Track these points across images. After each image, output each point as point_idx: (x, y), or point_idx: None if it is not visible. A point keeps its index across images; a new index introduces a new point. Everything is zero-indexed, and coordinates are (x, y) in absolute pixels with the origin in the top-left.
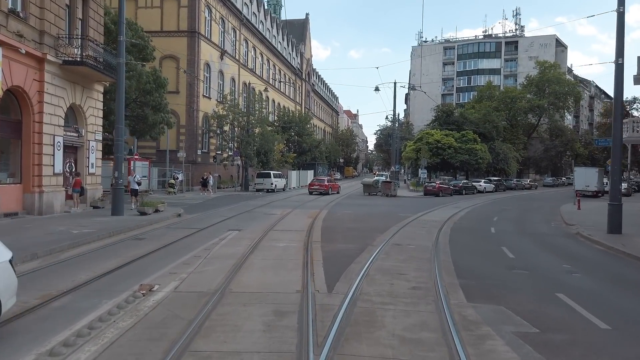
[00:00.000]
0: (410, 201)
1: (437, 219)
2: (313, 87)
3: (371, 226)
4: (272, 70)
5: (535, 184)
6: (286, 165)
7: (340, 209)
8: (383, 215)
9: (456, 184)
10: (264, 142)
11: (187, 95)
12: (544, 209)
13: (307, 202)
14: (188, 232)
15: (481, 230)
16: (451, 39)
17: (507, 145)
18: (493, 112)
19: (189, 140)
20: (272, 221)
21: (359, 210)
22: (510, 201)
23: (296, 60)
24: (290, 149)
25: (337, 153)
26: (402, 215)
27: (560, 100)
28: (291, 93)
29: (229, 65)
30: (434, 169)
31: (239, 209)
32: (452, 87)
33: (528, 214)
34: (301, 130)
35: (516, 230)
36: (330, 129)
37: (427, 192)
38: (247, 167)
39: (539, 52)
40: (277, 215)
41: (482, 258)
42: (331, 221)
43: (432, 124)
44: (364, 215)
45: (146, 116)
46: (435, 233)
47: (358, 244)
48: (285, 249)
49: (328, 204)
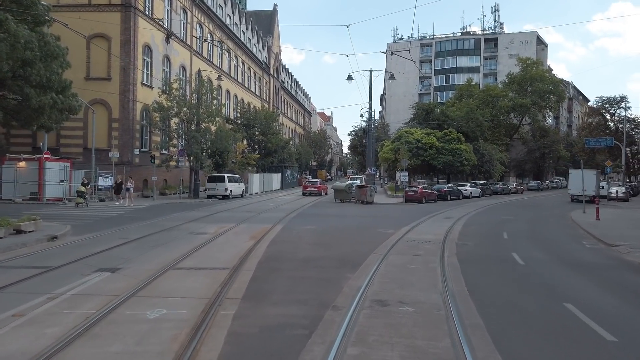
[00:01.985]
0: (390, 210)
1: (431, 237)
2: (282, 85)
3: (338, 255)
4: (233, 62)
5: (521, 188)
6: (248, 167)
7: (301, 222)
8: (357, 232)
9: (440, 189)
10: (218, 140)
11: (121, 82)
12: (552, 219)
13: (262, 213)
14: (19, 277)
15: (502, 261)
16: (428, 35)
17: (492, 145)
18: (476, 109)
19: (123, 136)
20: (190, 247)
21: (326, 225)
22: (505, 209)
23: (263, 54)
24: (254, 150)
25: (308, 155)
26: (382, 232)
27: (544, 100)
28: (257, 89)
29: (178, 51)
30: (413, 171)
31: (157, 226)
32: (430, 86)
33: (540, 227)
34: (266, 129)
35: (549, 257)
36: (302, 130)
37: (408, 198)
38: (197, 170)
39: (520, 50)
40: (207, 235)
41: (552, 340)
42: (281, 245)
43: (410, 123)
44: (331, 232)
45: (28, 97)
46: (439, 269)
47: (309, 305)
48: (150, 333)
49: (287, 214)
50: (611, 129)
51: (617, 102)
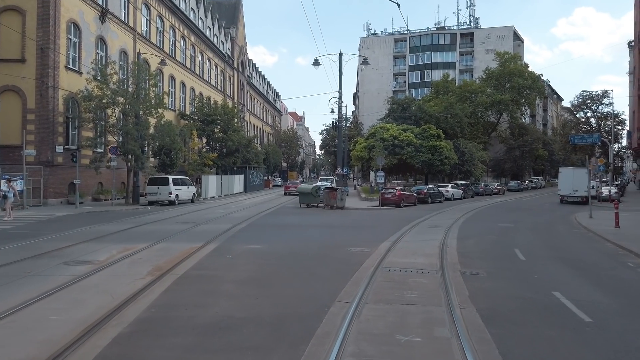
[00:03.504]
0: (364, 216)
1: (421, 260)
2: (249, 80)
3: (277, 311)
4: (190, 52)
5: (503, 189)
6: (205, 168)
7: (246, 238)
8: (319, 254)
9: (420, 190)
10: (159, 136)
11: (38, 65)
12: (560, 226)
13: (201, 225)
14: None
15: (551, 312)
16: (402, 30)
17: (472, 143)
18: (456, 103)
19: (41, 131)
20: (25, 298)
21: (279, 242)
22: (496, 213)
23: (226, 45)
24: (213, 149)
25: (277, 155)
26: (354, 253)
27: (522, 96)
28: (219, 83)
29: (117, 33)
30: (389, 172)
31: (27, 250)
32: (405, 83)
33: (554, 239)
34: (227, 126)
35: (615, 300)
36: (271, 130)
37: (385, 202)
38: (137, 171)
39: (496, 45)
40: (86, 267)
41: None
42: (190, 286)
43: (385, 119)
44: (281, 255)
45: None
46: (454, 346)
47: None
48: None
49: (234, 226)
50: (593, 126)
51: (599, 97)
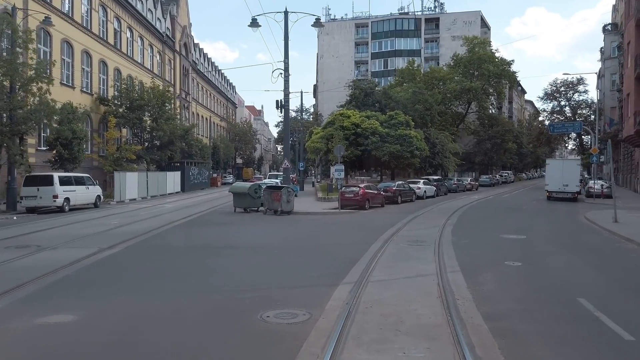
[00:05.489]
0: (316, 226)
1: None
2: (195, 66)
3: None
4: (113, 25)
5: (476, 184)
6: (126, 164)
7: (81, 287)
8: (203, 335)
9: (388, 188)
10: (36, 116)
11: None
12: (584, 235)
13: (32, 255)
14: None
15: None
16: (364, 15)
17: (444, 133)
18: (426, 88)
19: None
20: None
21: (133, 298)
22: (485, 215)
23: (164, 24)
24: (141, 140)
25: (229, 150)
26: (266, 331)
27: (491, 85)
28: (155, 66)
29: None
30: (351, 166)
31: None
32: (367, 72)
33: (605, 261)
34: (157, 114)
35: None
36: (223, 122)
37: (345, 203)
38: (12, 169)
39: (463, 31)
40: None
41: None
42: None
43: (347, 106)
44: (123, 343)
45: None
46: None
47: None
48: None
49: (98, 252)
50: (567, 116)
51: (574, 85)
